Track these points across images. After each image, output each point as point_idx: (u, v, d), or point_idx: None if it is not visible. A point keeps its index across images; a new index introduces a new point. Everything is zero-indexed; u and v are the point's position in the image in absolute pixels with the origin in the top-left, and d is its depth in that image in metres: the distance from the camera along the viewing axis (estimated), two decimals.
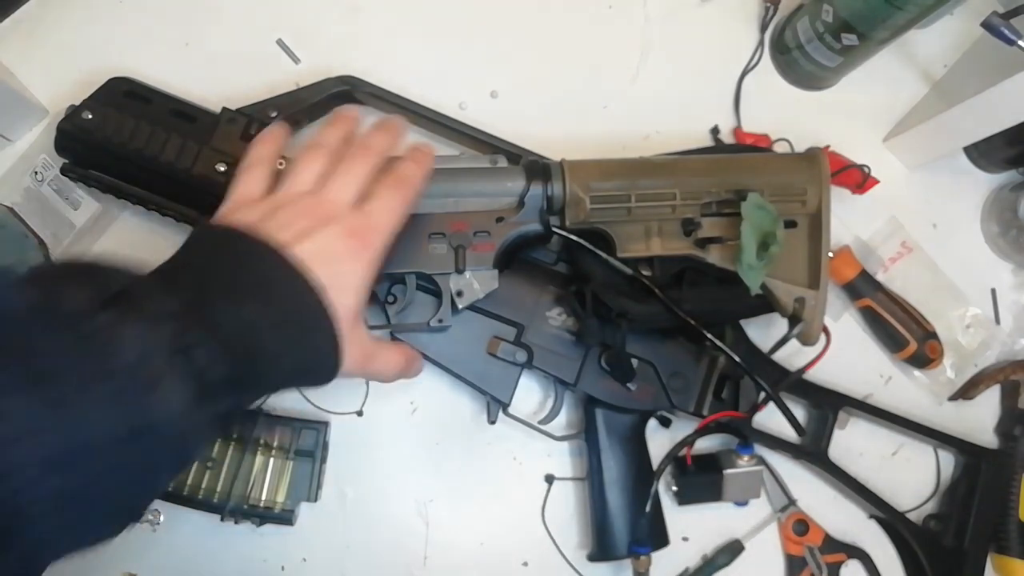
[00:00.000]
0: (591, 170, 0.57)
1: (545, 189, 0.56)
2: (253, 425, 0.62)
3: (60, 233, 0.63)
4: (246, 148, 0.52)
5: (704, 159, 0.60)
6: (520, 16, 0.72)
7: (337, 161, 0.49)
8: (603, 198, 0.56)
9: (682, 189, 0.57)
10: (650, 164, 0.59)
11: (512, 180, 0.57)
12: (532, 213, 0.56)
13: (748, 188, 0.56)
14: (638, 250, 0.57)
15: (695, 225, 0.57)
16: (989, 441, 0.69)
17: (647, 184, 0.57)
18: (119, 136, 0.58)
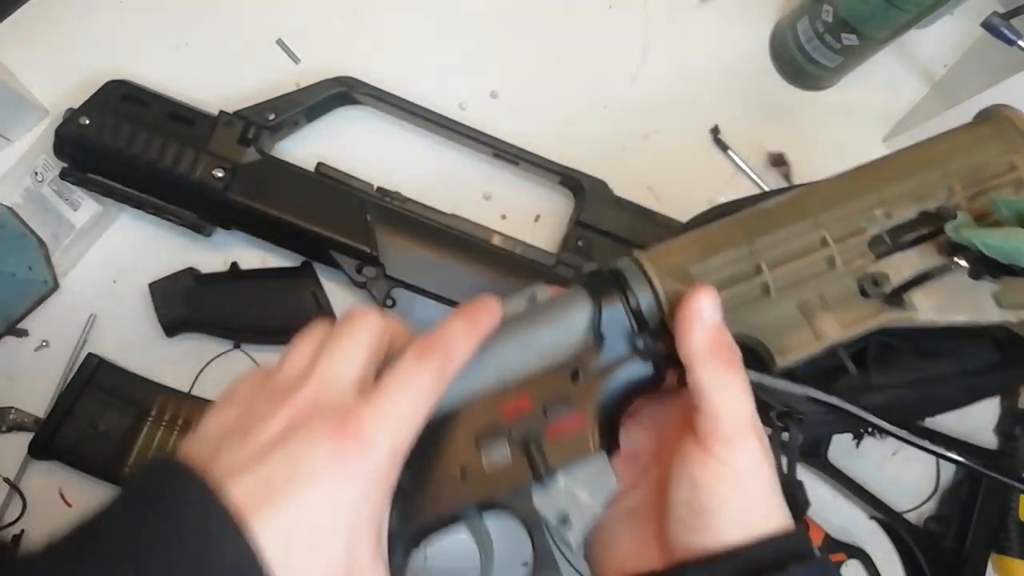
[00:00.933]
0: (682, 250, 0.39)
1: (626, 304, 0.37)
2: None
3: (60, 233, 0.63)
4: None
5: (837, 178, 0.42)
6: (520, 16, 0.72)
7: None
8: (719, 283, 0.37)
9: (831, 228, 0.39)
10: (765, 212, 0.40)
11: (571, 312, 0.37)
12: (621, 344, 0.37)
13: (925, 191, 0.40)
14: (805, 346, 0.38)
15: (876, 275, 0.38)
16: (989, 441, 0.69)
17: (774, 239, 0.38)
18: (116, 141, 0.58)
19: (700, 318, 0.35)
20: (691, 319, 0.35)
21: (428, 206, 0.63)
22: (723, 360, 0.35)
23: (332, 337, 0.33)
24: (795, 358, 0.38)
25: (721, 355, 0.35)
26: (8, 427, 0.61)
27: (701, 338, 0.35)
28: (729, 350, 0.35)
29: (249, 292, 0.63)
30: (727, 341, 0.35)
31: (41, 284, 0.62)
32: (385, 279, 0.61)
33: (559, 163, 0.65)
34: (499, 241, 0.63)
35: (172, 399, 0.61)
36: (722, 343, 0.35)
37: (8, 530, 0.60)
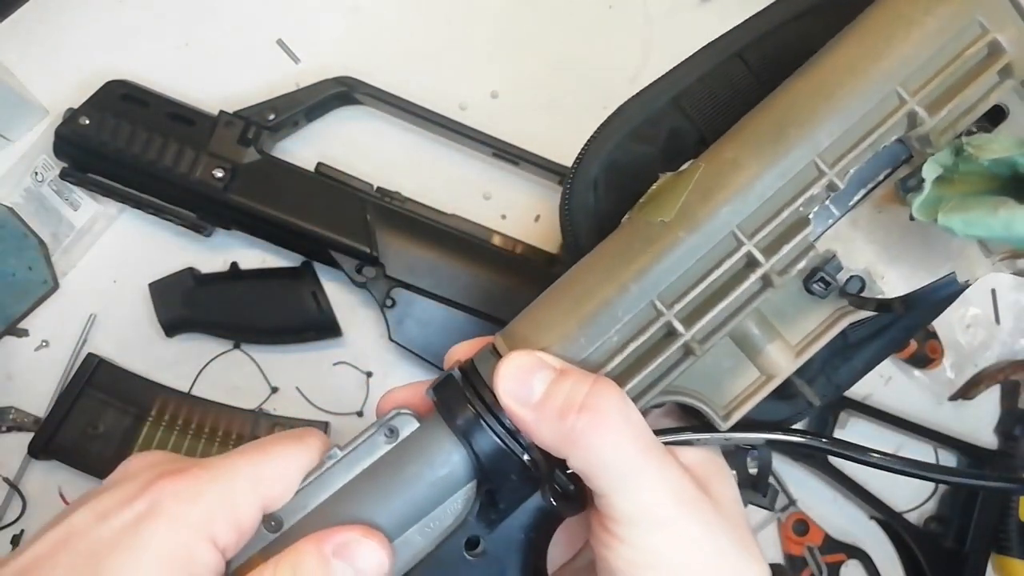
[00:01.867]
0: (557, 324, 0.29)
1: (499, 430, 0.28)
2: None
3: (60, 233, 0.63)
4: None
5: (743, 134, 0.30)
6: (520, 16, 0.72)
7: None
8: (626, 367, 0.29)
9: (758, 235, 0.28)
10: (656, 229, 0.28)
11: (443, 461, 0.29)
12: (514, 478, 0.29)
13: (872, 118, 0.28)
14: (755, 392, 0.30)
15: (822, 266, 0.29)
16: (989, 441, 0.69)
17: (680, 279, 0.28)
18: (116, 141, 0.58)
19: (519, 404, 0.27)
20: (512, 412, 0.27)
21: (428, 206, 0.63)
22: (581, 432, 0.27)
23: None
24: (743, 412, 0.30)
25: (576, 429, 0.26)
26: (8, 427, 0.61)
27: (539, 427, 0.27)
28: (580, 412, 0.26)
29: (249, 292, 0.63)
30: (573, 404, 0.27)
31: (41, 284, 0.62)
32: (385, 279, 0.61)
33: (559, 163, 0.65)
34: (499, 241, 0.63)
35: (172, 399, 0.61)
36: (566, 412, 0.27)
37: (8, 530, 0.60)
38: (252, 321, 0.63)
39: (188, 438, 0.61)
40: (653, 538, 0.27)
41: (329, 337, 0.64)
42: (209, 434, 0.61)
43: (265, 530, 0.29)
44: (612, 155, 0.35)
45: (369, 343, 0.65)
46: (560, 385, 0.27)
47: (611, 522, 0.27)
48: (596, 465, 0.27)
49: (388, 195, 0.62)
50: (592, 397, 0.27)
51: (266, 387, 0.64)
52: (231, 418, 0.62)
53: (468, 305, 0.61)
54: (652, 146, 0.35)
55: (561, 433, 0.27)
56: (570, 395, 0.27)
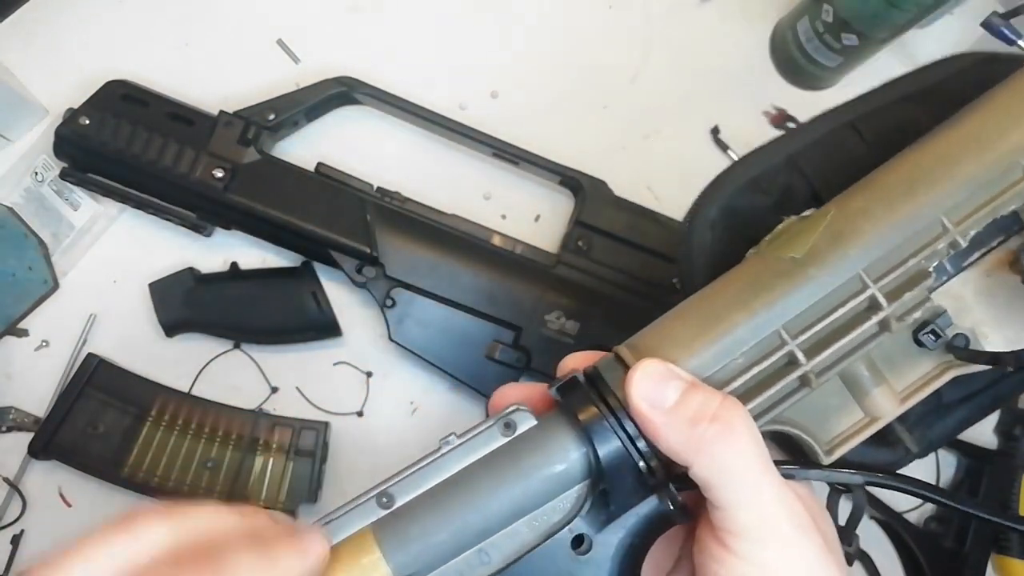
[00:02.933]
0: (685, 340, 0.30)
1: (621, 432, 0.29)
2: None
3: (60, 233, 0.63)
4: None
5: (874, 189, 0.31)
6: (520, 16, 0.72)
7: None
8: (747, 388, 0.30)
9: (883, 281, 0.30)
10: (787, 265, 0.30)
11: (559, 457, 0.30)
12: (627, 482, 0.29)
13: (994, 186, 0.30)
14: (858, 432, 0.31)
15: (933, 319, 0.31)
16: (989, 441, 0.69)
17: (807, 312, 0.30)
18: (116, 141, 0.58)
19: (651, 408, 0.28)
20: (644, 415, 0.28)
21: (428, 206, 0.63)
22: (710, 441, 0.27)
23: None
24: (846, 449, 0.31)
25: (705, 438, 0.27)
26: (8, 427, 0.61)
27: (668, 431, 0.28)
28: (711, 422, 0.27)
29: (249, 292, 0.63)
30: (705, 414, 0.28)
31: (41, 284, 0.62)
32: (385, 279, 0.61)
33: (559, 163, 0.65)
34: (499, 241, 0.63)
35: (172, 399, 0.61)
36: (698, 421, 0.28)
37: (8, 530, 0.60)
38: (252, 321, 0.63)
39: (188, 438, 0.61)
40: (767, 554, 0.28)
41: (329, 337, 0.64)
42: (209, 434, 0.61)
43: (377, 505, 0.29)
44: (731, 201, 0.38)
45: (369, 343, 0.65)
46: (693, 395, 0.28)
47: (726, 534, 0.28)
48: (721, 475, 0.28)
49: (388, 195, 0.62)
50: (723, 410, 0.28)
51: (266, 387, 0.64)
52: (231, 418, 0.62)
53: (468, 305, 0.61)
54: (768, 197, 0.37)
55: (691, 440, 0.28)
56: (702, 405, 0.28)
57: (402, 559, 0.29)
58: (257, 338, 0.64)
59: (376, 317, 0.64)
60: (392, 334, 0.61)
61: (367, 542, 0.29)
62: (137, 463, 0.60)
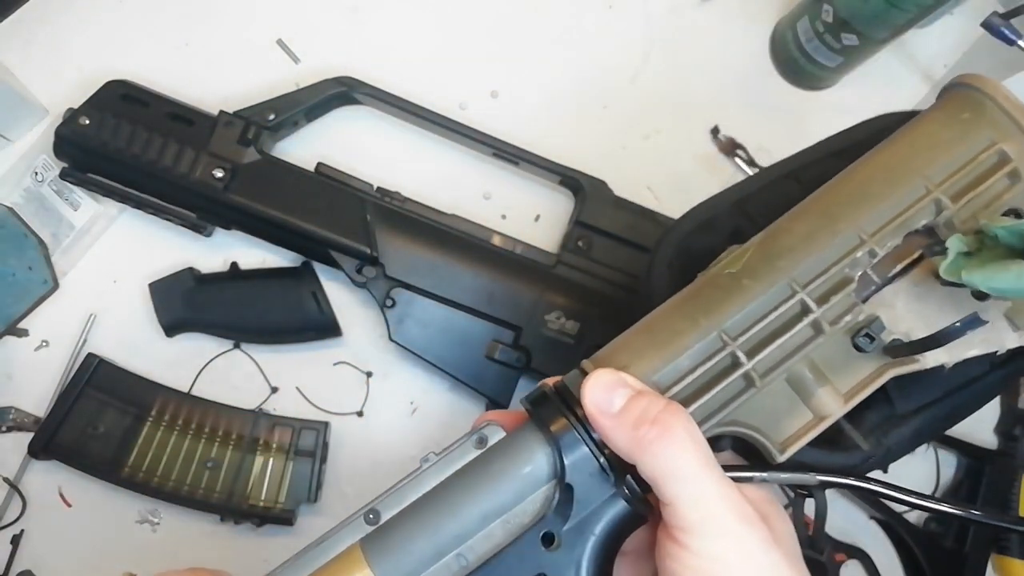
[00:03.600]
0: (638, 351, 0.34)
1: (585, 437, 0.32)
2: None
3: (60, 233, 0.63)
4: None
5: (799, 216, 0.36)
6: (520, 16, 0.72)
7: None
8: (694, 389, 0.33)
9: (810, 287, 0.33)
10: (725, 280, 0.34)
11: (527, 460, 0.32)
12: (594, 485, 0.32)
13: (907, 208, 0.34)
14: (806, 431, 0.34)
15: (868, 324, 0.34)
16: (989, 441, 0.69)
17: (743, 316, 0.33)
18: (116, 141, 0.58)
19: (600, 413, 0.31)
20: (594, 418, 0.31)
21: (428, 206, 0.63)
22: (651, 442, 0.30)
23: None
24: (797, 447, 0.33)
25: (647, 439, 0.30)
26: (8, 427, 0.61)
27: (616, 433, 0.31)
28: (652, 425, 0.30)
29: (249, 292, 0.63)
30: (646, 418, 0.30)
31: (41, 284, 0.62)
32: (385, 279, 0.61)
33: (559, 163, 0.65)
34: (499, 241, 0.63)
35: (172, 399, 0.61)
36: (640, 424, 0.30)
37: (8, 530, 0.60)
38: (252, 321, 0.63)
39: (188, 438, 0.61)
40: (716, 546, 0.30)
41: (329, 337, 0.64)
42: (209, 434, 0.61)
43: (364, 522, 0.32)
44: (685, 241, 0.43)
45: (369, 343, 0.65)
46: (637, 401, 0.31)
47: (677, 531, 0.30)
48: (663, 472, 0.30)
49: (388, 195, 0.62)
50: (664, 414, 0.31)
51: (266, 387, 0.64)
52: (231, 418, 0.62)
53: (468, 305, 0.61)
54: (718, 237, 0.42)
55: (634, 440, 0.30)
56: (644, 410, 0.31)
57: (388, 569, 0.31)
58: (257, 338, 0.64)
59: (376, 317, 0.64)
60: (392, 334, 0.61)
61: (355, 557, 0.31)
62: (137, 463, 0.60)
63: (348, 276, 0.61)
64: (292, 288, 0.63)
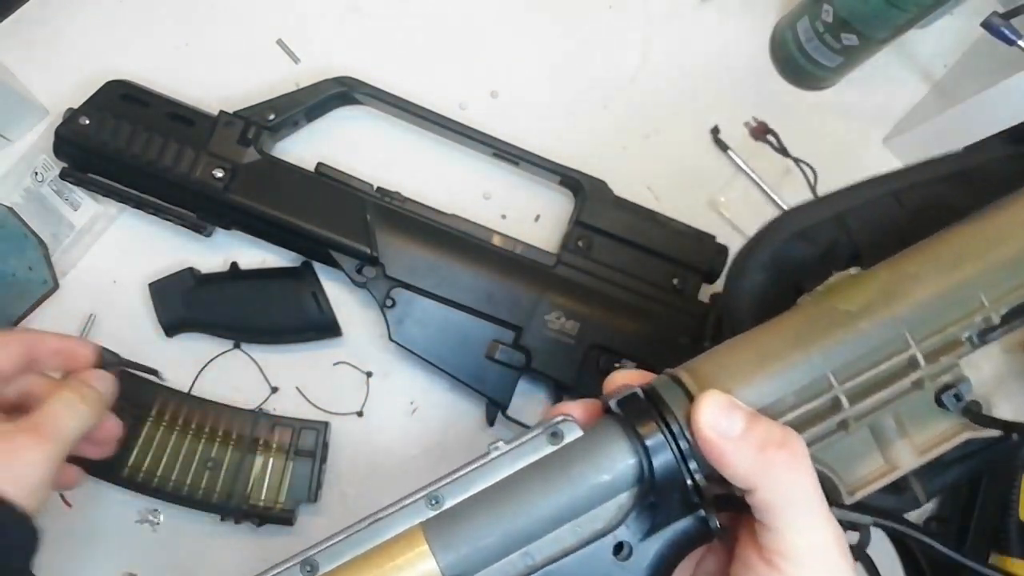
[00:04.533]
0: (740, 368, 0.32)
1: (676, 451, 0.30)
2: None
3: (60, 233, 0.63)
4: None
5: (929, 256, 0.35)
6: (520, 16, 0.72)
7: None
8: (791, 421, 0.32)
9: (924, 343, 0.33)
10: (841, 313, 0.33)
11: (610, 465, 0.31)
12: (673, 499, 0.31)
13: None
14: (877, 478, 0.34)
15: (957, 384, 0.34)
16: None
17: (855, 361, 0.32)
18: (116, 141, 0.58)
19: (718, 435, 0.30)
20: (711, 441, 0.30)
21: (428, 206, 0.63)
22: (777, 465, 0.29)
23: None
24: (865, 492, 0.34)
25: (774, 461, 0.29)
26: None
27: (737, 457, 0.30)
28: (779, 448, 0.30)
29: (249, 292, 0.63)
30: (772, 441, 0.30)
31: (41, 284, 0.62)
32: (385, 279, 0.61)
33: (559, 163, 0.65)
34: (499, 241, 0.63)
35: (172, 399, 0.61)
36: (766, 447, 0.29)
37: None
38: (252, 321, 0.63)
39: (188, 438, 0.61)
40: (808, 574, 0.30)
41: (329, 337, 0.64)
42: (209, 434, 0.61)
43: (426, 506, 0.31)
44: (782, 247, 0.42)
45: (369, 343, 0.65)
46: (758, 424, 0.30)
47: (776, 555, 0.30)
48: (783, 498, 0.29)
49: (388, 195, 0.62)
50: (788, 438, 0.30)
51: (266, 387, 0.64)
52: (231, 418, 0.62)
53: (468, 305, 0.61)
54: (814, 248, 0.42)
55: (758, 464, 0.29)
56: (768, 433, 0.30)
57: (451, 559, 0.30)
58: (257, 338, 0.64)
59: (376, 317, 0.64)
60: (392, 334, 0.61)
61: (417, 540, 0.30)
62: (137, 463, 0.60)
63: (348, 276, 0.61)
64: (292, 288, 0.63)
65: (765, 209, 0.71)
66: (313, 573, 0.30)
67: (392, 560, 0.30)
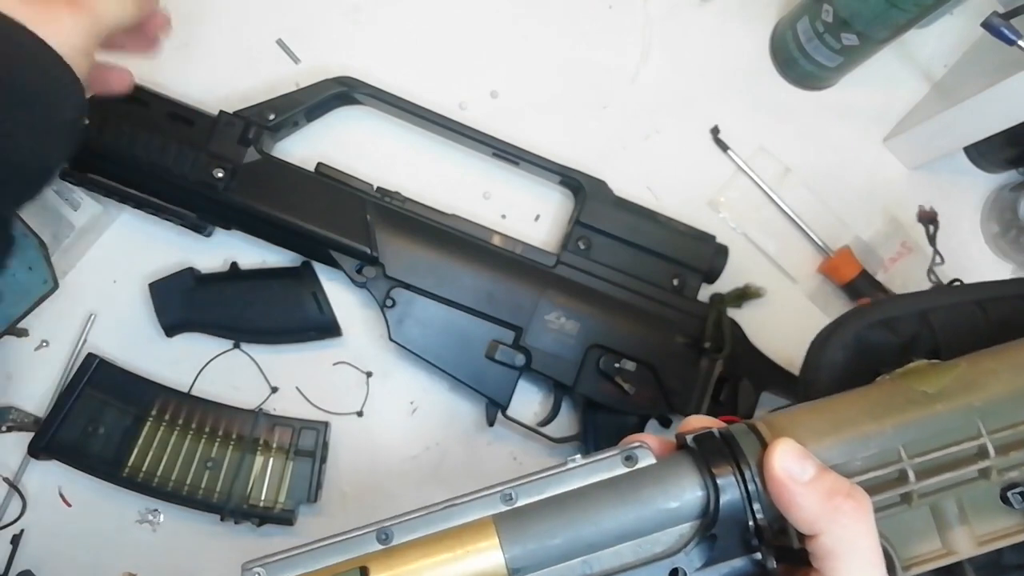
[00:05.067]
0: (815, 428, 0.34)
1: (744, 492, 0.32)
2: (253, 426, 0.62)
3: (60, 233, 0.63)
4: None
5: (1011, 356, 0.37)
6: (520, 16, 0.72)
7: None
8: (856, 480, 0.33)
9: (996, 435, 0.34)
10: (919, 394, 0.35)
11: (678, 494, 0.32)
12: (732, 538, 0.32)
13: None
14: (933, 560, 0.34)
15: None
16: None
17: (928, 438, 0.34)
18: (116, 141, 0.58)
19: (790, 478, 0.31)
20: (782, 483, 0.31)
21: (428, 206, 0.63)
22: (844, 513, 0.30)
23: None
24: (920, 571, 0.34)
25: (841, 509, 0.30)
26: (8, 427, 0.61)
27: (805, 500, 0.30)
28: (847, 498, 0.30)
29: (249, 292, 0.63)
30: (840, 491, 0.31)
31: (41, 284, 0.62)
32: (385, 279, 0.61)
33: (559, 163, 0.65)
34: (499, 241, 0.63)
35: (172, 399, 0.61)
36: (834, 495, 0.30)
37: (8, 530, 0.60)
38: (252, 321, 0.63)
39: (188, 438, 0.61)
40: None
41: (329, 337, 0.64)
42: (209, 434, 0.61)
43: (500, 501, 0.32)
44: (866, 331, 0.45)
45: (369, 343, 0.65)
46: (828, 474, 0.31)
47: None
48: (846, 545, 0.30)
49: (388, 195, 0.62)
50: (856, 491, 0.31)
51: (266, 387, 0.64)
52: (231, 418, 0.62)
53: (468, 305, 0.61)
54: (896, 338, 0.44)
55: (825, 510, 0.30)
56: (836, 483, 0.31)
57: (517, 552, 0.31)
58: (257, 338, 0.64)
59: (376, 317, 0.64)
60: (392, 334, 0.61)
61: (488, 530, 0.32)
62: (137, 463, 0.60)
63: (348, 276, 0.61)
64: (292, 288, 0.63)
65: (765, 209, 0.71)
66: (387, 542, 0.32)
67: (463, 545, 0.31)
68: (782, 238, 0.71)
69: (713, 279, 0.65)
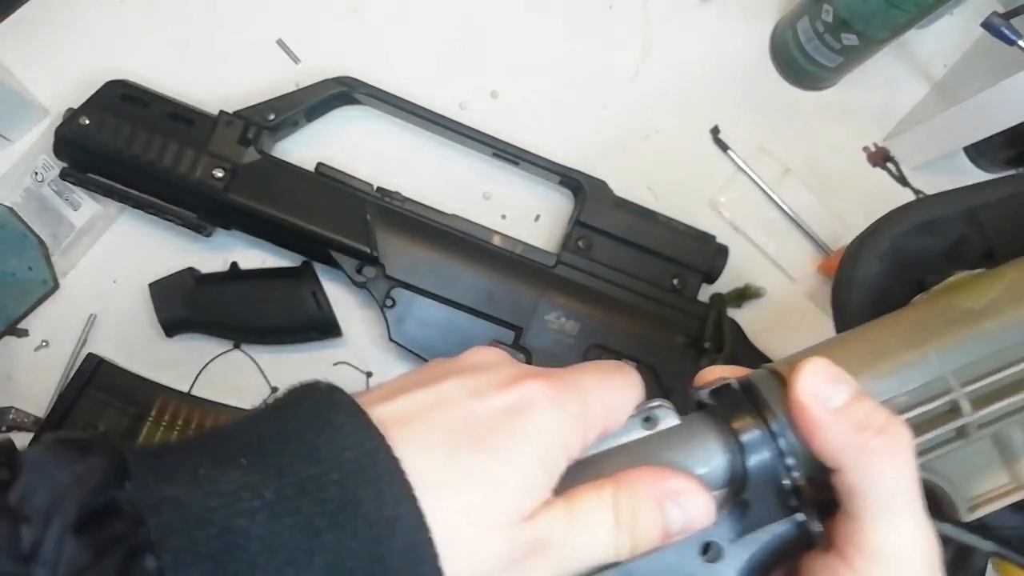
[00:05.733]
0: (844, 360, 0.28)
1: (776, 450, 0.27)
2: None
3: (60, 233, 0.63)
4: None
5: None
6: (520, 16, 0.72)
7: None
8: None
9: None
10: (968, 311, 0.30)
11: (702, 458, 0.28)
12: (767, 500, 0.28)
13: None
14: (1002, 496, 0.31)
15: None
16: None
17: (979, 362, 0.30)
18: (116, 142, 0.58)
19: (816, 404, 0.27)
20: (807, 410, 0.27)
21: (428, 206, 0.63)
22: (873, 451, 0.26)
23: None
24: (988, 510, 0.31)
25: (869, 446, 0.26)
26: (8, 427, 0.61)
27: (831, 431, 0.26)
28: (879, 434, 0.26)
29: (249, 292, 0.63)
30: (873, 424, 0.26)
31: (41, 284, 0.62)
32: (385, 279, 0.61)
33: (559, 163, 0.65)
34: (499, 241, 0.63)
35: (172, 399, 0.61)
36: (864, 428, 0.26)
37: None
38: (252, 321, 0.63)
39: None
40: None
41: (329, 337, 0.64)
42: None
43: None
44: (905, 238, 0.39)
45: (369, 343, 0.65)
46: (862, 402, 0.27)
47: (852, 548, 0.26)
48: (871, 485, 0.26)
49: (388, 195, 0.62)
50: (893, 426, 0.27)
51: (266, 387, 0.64)
52: (231, 418, 0.62)
53: (468, 305, 0.61)
54: (940, 242, 0.38)
55: (852, 444, 0.26)
56: (871, 415, 0.27)
57: None
58: (257, 338, 0.64)
59: (376, 317, 0.64)
60: (392, 334, 0.61)
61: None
62: None
63: (348, 276, 0.61)
64: (292, 288, 0.63)
65: (765, 209, 0.71)
66: None
67: None
68: (782, 238, 0.71)
69: (713, 279, 0.65)
